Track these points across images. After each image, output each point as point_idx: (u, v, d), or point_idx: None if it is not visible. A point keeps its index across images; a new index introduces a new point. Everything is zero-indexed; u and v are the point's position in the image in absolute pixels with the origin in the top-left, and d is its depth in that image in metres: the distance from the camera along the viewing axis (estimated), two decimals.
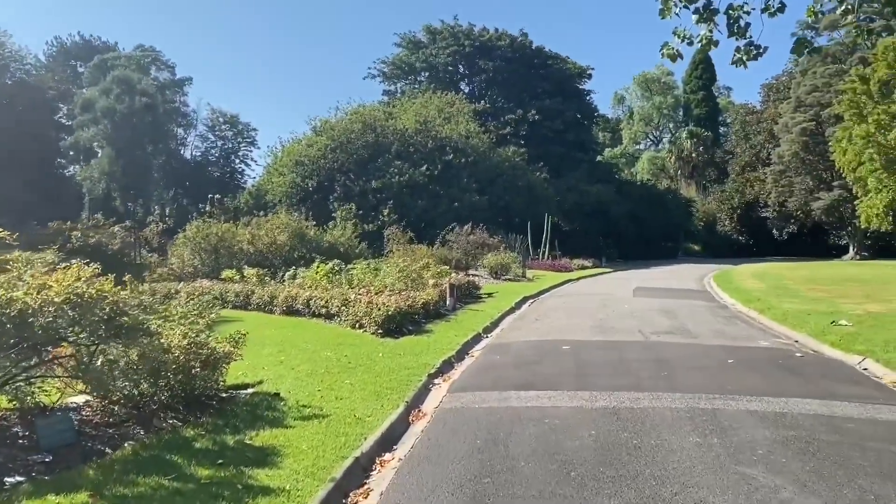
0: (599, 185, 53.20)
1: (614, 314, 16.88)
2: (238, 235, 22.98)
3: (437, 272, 20.77)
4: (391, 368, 9.83)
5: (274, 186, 45.38)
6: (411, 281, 18.50)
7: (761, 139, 67.15)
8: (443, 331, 13.72)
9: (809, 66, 54.67)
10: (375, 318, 12.97)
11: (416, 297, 15.63)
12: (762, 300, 19.92)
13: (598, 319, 15.83)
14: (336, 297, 15.12)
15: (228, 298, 17.92)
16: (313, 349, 11.33)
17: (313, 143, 45.12)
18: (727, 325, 15.28)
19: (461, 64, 59.56)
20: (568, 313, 17.17)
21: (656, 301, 20.42)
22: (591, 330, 14.11)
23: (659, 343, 12.37)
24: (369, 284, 16.53)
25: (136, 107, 49.79)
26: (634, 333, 13.53)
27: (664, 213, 58.75)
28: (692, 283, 29.55)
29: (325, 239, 23.71)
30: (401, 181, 41.89)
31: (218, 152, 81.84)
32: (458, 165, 43.95)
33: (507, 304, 19.06)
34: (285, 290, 16.66)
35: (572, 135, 55.72)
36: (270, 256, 22.85)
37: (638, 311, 17.67)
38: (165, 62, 76.06)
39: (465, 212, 40.59)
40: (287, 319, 15.55)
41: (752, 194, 65.15)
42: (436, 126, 45.73)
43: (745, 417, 7.33)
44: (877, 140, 36.51)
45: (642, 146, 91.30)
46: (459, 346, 11.96)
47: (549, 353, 11.37)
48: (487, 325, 15.04)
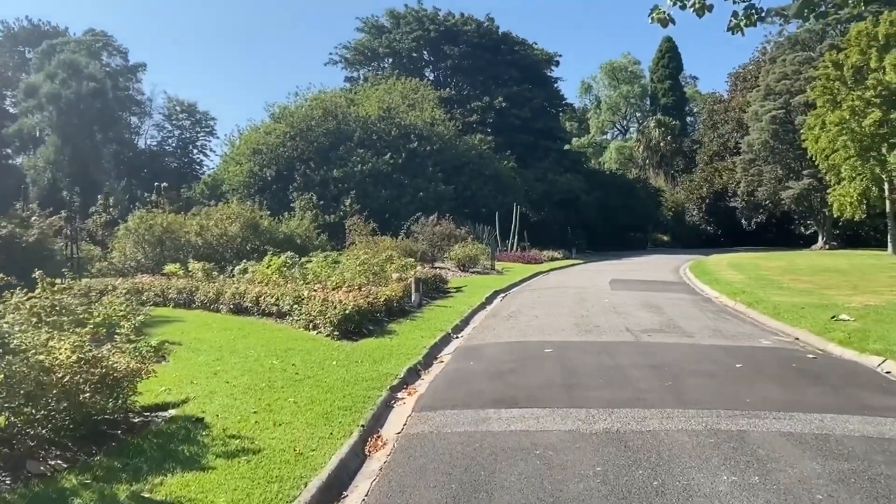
0: (568, 175, 52.02)
1: (595, 309, 15.50)
2: (186, 226, 21.12)
3: (402, 265, 19.23)
4: (346, 380, 8.26)
5: (230, 176, 43.32)
6: (373, 275, 16.93)
7: (729, 128, 66.71)
8: (408, 331, 12.17)
9: (778, 53, 54.20)
10: (331, 318, 11.38)
11: (377, 292, 14.07)
12: (748, 293, 18.77)
13: (580, 316, 14.43)
14: (288, 293, 13.47)
15: (170, 296, 16.13)
16: (256, 356, 9.70)
17: (271, 130, 43.14)
18: (719, 321, 13.99)
19: (426, 50, 57.84)
20: (544, 309, 15.75)
21: (636, 294, 19.14)
22: (573, 328, 12.69)
23: (652, 344, 10.98)
24: (326, 279, 14.90)
25: (84, 92, 47.04)
26: (622, 332, 12.14)
27: (633, 203, 57.88)
28: (669, 275, 28.43)
29: (280, 230, 21.93)
30: (363, 170, 40.19)
31: (175, 142, 79.42)
32: (423, 154, 42.37)
33: (477, 300, 17.60)
34: (232, 287, 14.95)
35: (540, 123, 54.41)
36: (221, 249, 21.03)
37: (620, 305, 16.34)
38: (117, 47, 73.02)
39: (431, 202, 39.09)
40: (233, 319, 13.85)
41: (721, 184, 64.69)
42: (400, 113, 44.04)
43: (782, 443, 5.93)
44: (851, 127, 35.80)
45: (609, 136, 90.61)
46: (426, 350, 10.43)
47: (530, 357, 9.90)
48: (457, 324, 13.54)
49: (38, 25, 69.28)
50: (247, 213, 21.25)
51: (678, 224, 68.23)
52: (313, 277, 14.86)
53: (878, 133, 35.38)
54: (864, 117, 35.10)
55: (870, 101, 35.48)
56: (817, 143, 39.10)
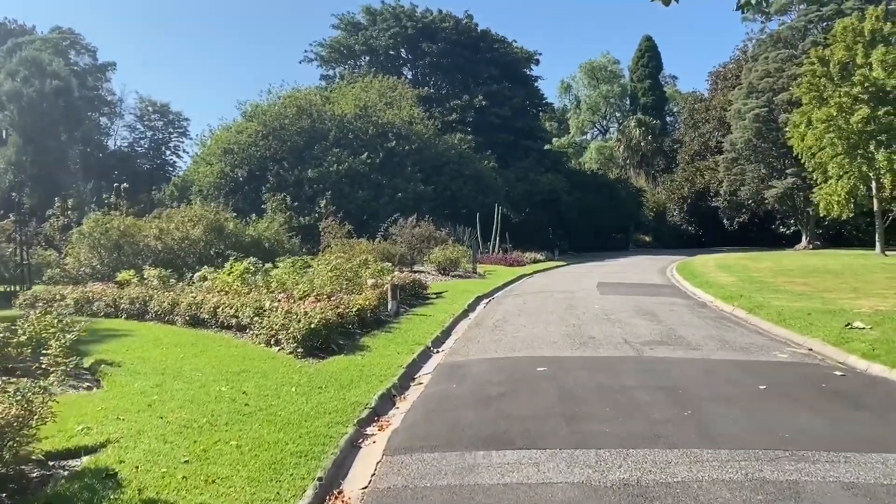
0: (550, 175, 50.88)
1: (587, 317, 14.28)
2: (145, 230, 19.62)
3: (378, 270, 17.89)
4: (305, 413, 6.93)
5: (200, 177, 41.65)
6: (346, 281, 15.58)
7: (710, 127, 66.04)
8: (382, 346, 10.86)
9: (761, 51, 53.52)
10: (294, 333, 10.03)
11: (350, 301, 12.73)
12: (745, 296, 17.67)
13: (571, 325, 13.19)
14: (249, 304, 12.10)
15: (122, 306, 14.67)
16: (204, 381, 8.33)
17: (243, 129, 41.49)
18: (722, 330, 12.83)
19: (403, 47, 56.46)
20: (532, 317, 14.50)
21: (627, 299, 17.96)
22: (565, 340, 11.45)
23: (657, 360, 9.76)
24: (293, 287, 13.52)
25: (47, 90, 45.11)
26: (621, 345, 10.92)
27: (615, 204, 56.90)
28: (656, 277, 27.35)
29: (247, 233, 20.44)
30: (339, 170, 38.72)
31: (148, 143, 77.58)
32: (401, 153, 41.00)
33: (459, 307, 16.32)
34: (189, 296, 13.53)
35: (520, 122, 53.22)
36: (183, 254, 19.52)
37: (612, 312, 15.14)
38: (86, 46, 70.90)
39: (410, 203, 37.77)
40: (188, 333, 12.45)
41: (702, 184, 63.97)
42: (377, 111, 42.61)
43: (849, 502, 4.71)
44: (838, 124, 35.01)
45: (589, 136, 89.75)
46: (403, 370, 9.12)
47: (522, 378, 8.62)
48: (437, 336, 12.25)
49: (3, 24, 67.10)
50: (210, 215, 19.75)
51: (660, 224, 67.41)
52: (278, 286, 13.47)
53: (866, 130, 34.64)
54: (852, 114, 34.32)
55: (857, 98, 34.72)
56: (803, 141, 38.29)
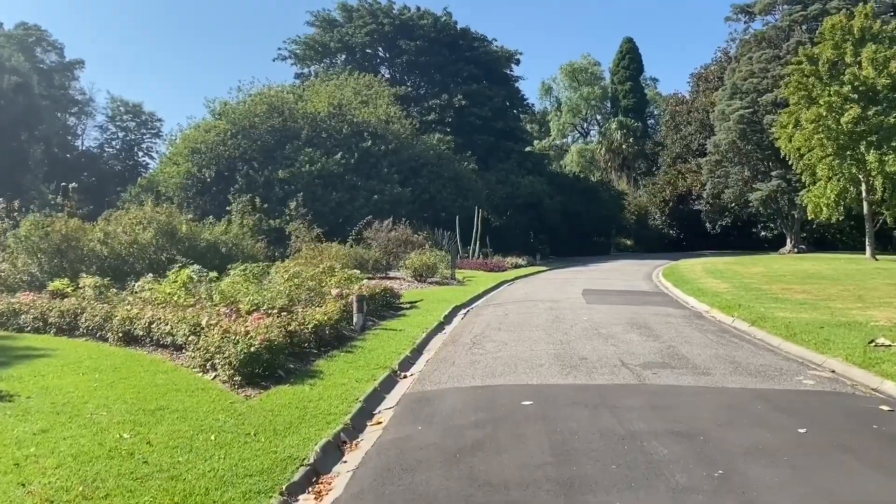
0: (531, 177, 49.44)
1: (575, 332, 12.74)
2: (90, 233, 17.84)
3: (345, 278, 16.25)
4: (219, 477, 5.30)
5: (166, 178, 39.69)
6: (308, 291, 13.94)
7: (692, 129, 65.13)
8: (339, 371, 9.23)
9: (745, 51, 52.55)
10: (230, 358, 8.39)
11: (306, 316, 11.12)
12: (744, 306, 16.28)
13: (558, 341, 11.65)
14: (186, 320, 10.43)
15: (51, 319, 12.91)
16: (105, 424, 6.66)
17: (211, 127, 39.58)
18: (729, 348, 11.35)
19: (380, 45, 54.82)
20: (514, 332, 12.93)
21: (617, 309, 16.47)
22: (554, 362, 9.88)
23: (663, 389, 8.22)
24: (241, 299, 11.85)
25: (5, 87, 42.99)
26: (618, 368, 9.37)
27: (597, 207, 55.61)
28: (643, 283, 25.96)
29: (202, 236, 18.70)
30: (312, 170, 36.96)
31: (120, 144, 75.46)
32: (377, 153, 39.33)
33: (433, 319, 14.74)
34: (123, 310, 11.82)
35: (501, 123, 51.75)
36: (131, 259, 17.76)
37: (602, 324, 13.62)
38: (52, 42, 68.42)
39: (387, 205, 36.13)
40: (117, 353, 10.75)
41: (684, 186, 62.99)
42: (352, 109, 40.92)
43: None
44: (827, 124, 33.91)
45: (570, 139, 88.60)
46: (359, 405, 7.50)
47: (504, 418, 7.03)
48: (406, 356, 10.65)
49: None
50: (162, 217, 17.98)
51: (641, 228, 66.28)
52: (222, 298, 11.78)
53: (856, 131, 33.57)
54: (842, 114, 33.24)
55: (847, 98, 33.65)
56: (791, 142, 37.21)
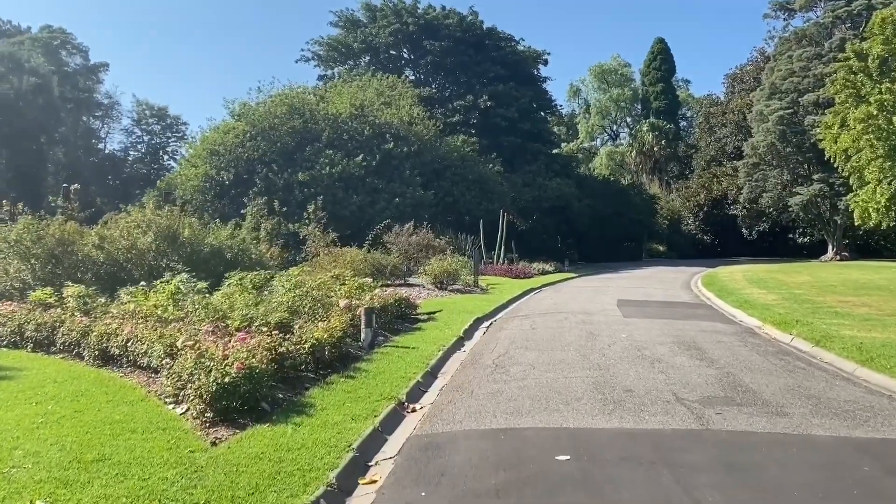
0: (559, 180, 47.70)
1: (614, 353, 11.11)
2: (86, 238, 16.62)
3: (356, 287, 14.77)
4: None
5: (183, 180, 38.67)
6: (312, 302, 12.48)
7: (727, 132, 63.02)
8: (334, 404, 7.72)
9: (784, 49, 50.32)
10: (201, 390, 6.94)
11: (304, 333, 9.66)
12: (801, 322, 14.47)
13: (595, 365, 10.04)
14: (164, 339, 9.02)
15: (27, 333, 11.64)
16: (20, 484, 5.21)
17: (230, 129, 38.52)
18: (798, 375, 9.65)
19: (405, 46, 53.51)
20: (544, 352, 11.34)
21: (659, 325, 14.78)
22: (592, 394, 8.27)
23: (733, 437, 6.58)
24: (231, 314, 10.40)
25: (24, 89, 42.40)
26: (672, 405, 7.74)
27: (628, 212, 53.64)
28: (682, 293, 24.17)
29: (206, 241, 17.38)
30: (333, 173, 35.67)
31: (145, 147, 75.43)
32: (399, 155, 37.96)
33: (451, 333, 13.20)
34: (102, 325, 10.48)
35: (528, 124, 50.10)
36: (129, 266, 16.51)
37: (644, 344, 11.98)
38: (77, 45, 68.36)
39: (409, 209, 34.75)
40: (88, 375, 9.37)
41: (720, 191, 60.85)
42: (374, 111, 39.59)
43: None
44: (878, 124, 31.77)
45: (599, 142, 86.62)
46: (349, 457, 5.97)
47: (531, 482, 5.43)
48: (417, 383, 9.11)
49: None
50: (163, 220, 16.69)
51: (674, 233, 64.15)
52: (206, 313, 10.34)
53: None
54: (895, 113, 31.09)
55: None
56: (836, 144, 35.11)
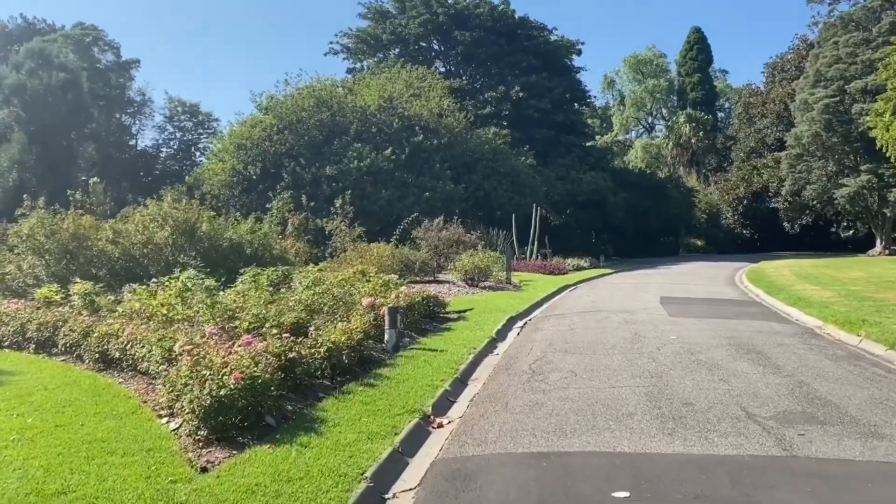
0: (593, 173, 46.24)
1: (665, 357, 9.97)
2: (101, 232, 15.92)
3: (380, 284, 13.80)
4: None
5: (210, 175, 38.15)
6: (333, 301, 11.54)
7: (767, 122, 60.91)
8: (349, 418, 6.74)
9: (829, 35, 48.19)
10: (194, 404, 6.02)
11: (321, 336, 8.71)
12: (868, 321, 13.15)
13: (645, 372, 8.93)
14: (164, 342, 8.14)
15: (29, 333, 10.90)
16: None
17: (257, 122, 37.88)
18: (880, 385, 8.42)
19: (435, 37, 52.43)
20: (584, 355, 10.25)
21: (708, 324, 13.58)
22: (646, 408, 7.18)
23: (827, 468, 5.45)
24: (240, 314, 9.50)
25: (53, 84, 42.17)
26: (741, 422, 6.62)
27: (665, 205, 51.96)
28: (727, 289, 22.82)
29: (225, 236, 16.54)
30: (361, 167, 34.78)
31: (177, 144, 75.81)
32: (429, 148, 36.95)
33: (483, 334, 12.17)
34: (104, 325, 9.65)
35: (561, 115, 48.69)
36: (145, 262, 15.78)
37: (697, 346, 10.81)
38: (109, 42, 68.31)
39: (439, 203, 33.73)
40: (84, 380, 8.54)
41: (760, 183, 58.79)
42: (403, 102, 38.62)
43: None
44: None
45: (633, 134, 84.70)
46: (360, 489, 4.98)
47: None
48: (445, 392, 8.09)
49: (32, 23, 65.24)
50: (180, 213, 15.90)
51: (712, 227, 62.19)
52: (212, 313, 9.43)
53: None
54: None
55: None
56: (888, 132, 33.20)
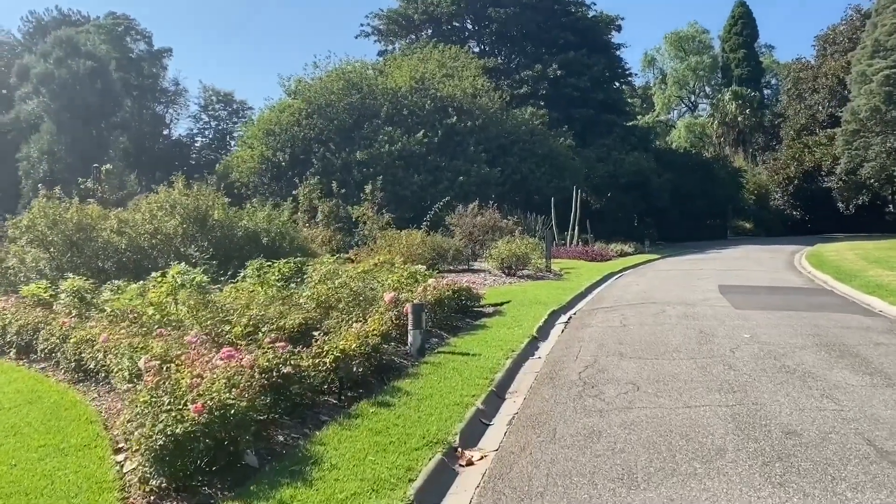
0: (636, 154, 44.08)
1: (744, 363, 8.27)
2: (107, 222, 14.71)
3: (406, 276, 12.30)
4: None
5: (238, 162, 37.07)
6: (351, 296, 10.07)
7: (819, 97, 57.93)
8: (352, 458, 5.24)
9: (888, 2, 45.11)
10: (142, 445, 4.60)
11: (328, 343, 7.25)
12: None
13: (724, 384, 7.26)
14: (138, 352, 6.76)
15: (8, 337, 9.67)
16: None
17: (286, 107, 36.65)
18: None
19: (468, 16, 50.54)
20: (644, 359, 8.60)
21: (782, 318, 11.79)
22: (738, 442, 5.53)
23: None
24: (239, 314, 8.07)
25: (81, 72, 41.47)
26: (872, 463, 4.95)
27: (712, 187, 49.47)
28: (790, 276, 20.82)
29: (240, 224, 15.13)
30: (392, 151, 33.31)
31: (212, 133, 75.63)
32: (463, 130, 35.29)
33: (522, 333, 10.58)
34: (83, 329, 8.33)
35: (601, 94, 46.54)
36: (154, 253, 14.54)
37: (780, 349, 9.08)
38: (141, 31, 68.18)
39: (473, 187, 32.15)
40: (50, 395, 7.21)
41: (812, 162, 55.84)
42: (435, 83, 36.97)
43: None
44: None
45: (676, 114, 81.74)
46: None
47: None
48: (477, 413, 6.55)
49: (67, 15, 65.39)
50: (189, 201, 14.55)
51: (761, 209, 59.42)
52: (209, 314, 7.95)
53: None
54: None
55: None
56: None
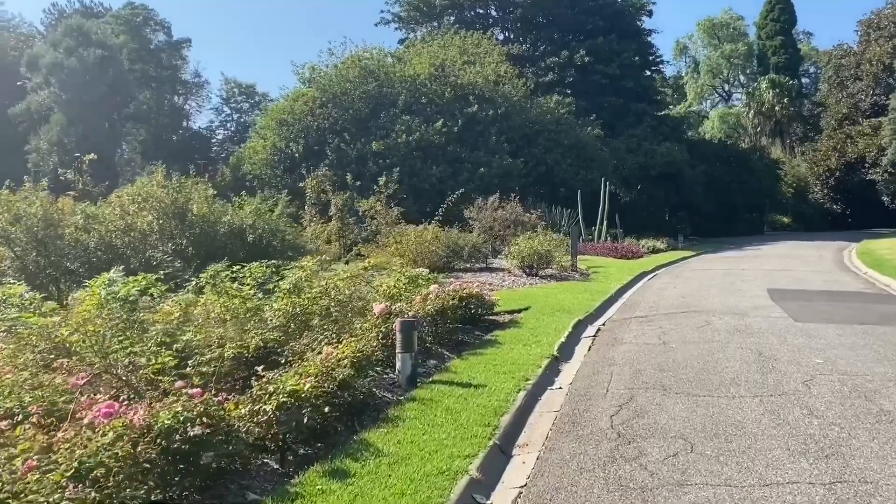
0: (668, 144, 41.85)
1: (825, 404, 6.37)
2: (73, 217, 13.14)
3: (406, 282, 10.51)
4: None
5: (251, 154, 35.61)
6: (335, 306, 8.32)
7: (862, 85, 54.93)
8: None
9: None
10: None
11: (276, 384, 5.51)
12: None
13: (807, 440, 5.40)
14: (25, 393, 5.09)
15: None
16: None
17: (299, 96, 35.02)
18: None
19: (493, 2, 48.59)
20: (694, 399, 6.75)
21: (856, 334, 9.80)
22: None
23: None
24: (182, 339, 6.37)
25: (91, 61, 40.31)
26: None
27: (748, 179, 47.03)
28: (843, 276, 18.69)
29: (223, 220, 13.43)
30: (409, 141, 31.53)
31: (234, 126, 74.94)
32: (484, 119, 33.41)
33: (540, 353, 8.74)
34: None
35: (631, 81, 44.28)
36: (128, 252, 12.98)
37: (867, 381, 7.14)
38: (160, 22, 67.28)
39: (495, 179, 30.27)
40: None
41: (855, 153, 53.01)
42: (455, 70, 35.08)
43: None
44: None
45: (709, 104, 78.96)
46: None
47: None
48: (470, 485, 4.77)
49: (89, 7, 64.74)
50: (165, 195, 12.90)
51: (800, 203, 56.76)
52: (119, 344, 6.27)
53: None
54: None
55: None
56: None
